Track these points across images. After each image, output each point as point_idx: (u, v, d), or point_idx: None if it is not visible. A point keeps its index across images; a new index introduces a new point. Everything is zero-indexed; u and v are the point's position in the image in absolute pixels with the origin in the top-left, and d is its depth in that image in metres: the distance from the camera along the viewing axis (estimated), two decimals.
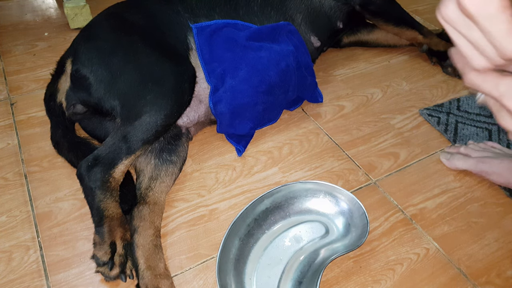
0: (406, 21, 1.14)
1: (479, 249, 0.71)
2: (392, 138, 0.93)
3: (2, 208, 0.77)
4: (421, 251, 0.71)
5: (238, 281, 0.65)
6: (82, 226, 0.74)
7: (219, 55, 0.88)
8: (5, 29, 1.30)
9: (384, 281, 0.67)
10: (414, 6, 1.45)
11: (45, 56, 1.18)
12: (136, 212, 0.73)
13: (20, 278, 0.67)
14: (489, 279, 0.67)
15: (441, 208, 0.78)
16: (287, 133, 0.94)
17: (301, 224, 0.73)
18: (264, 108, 0.89)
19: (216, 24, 0.90)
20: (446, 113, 0.98)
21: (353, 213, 0.73)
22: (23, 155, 0.87)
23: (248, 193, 0.81)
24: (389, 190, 0.81)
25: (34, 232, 0.73)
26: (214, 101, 0.86)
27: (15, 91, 1.05)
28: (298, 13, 1.02)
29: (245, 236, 0.70)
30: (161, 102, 0.75)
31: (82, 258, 0.69)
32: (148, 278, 0.64)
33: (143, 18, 0.86)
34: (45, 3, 1.45)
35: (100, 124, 0.84)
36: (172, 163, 0.81)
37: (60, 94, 0.84)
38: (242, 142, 0.89)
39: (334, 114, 0.99)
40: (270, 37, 0.94)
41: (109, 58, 0.78)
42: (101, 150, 0.73)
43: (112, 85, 0.77)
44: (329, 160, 0.87)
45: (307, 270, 0.66)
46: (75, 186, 0.80)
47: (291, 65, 0.90)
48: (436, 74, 1.12)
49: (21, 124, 0.95)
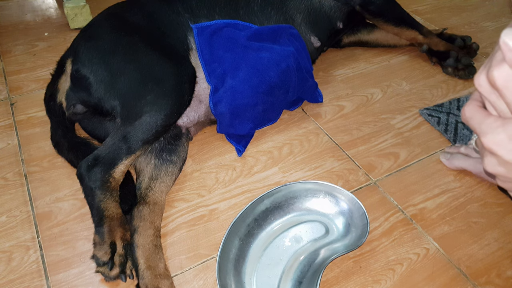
0: (406, 21, 1.14)
1: (479, 249, 0.71)
2: (392, 138, 0.93)
3: (2, 208, 0.77)
4: (421, 251, 0.71)
5: (238, 281, 0.65)
6: (82, 226, 0.74)
7: (220, 55, 0.88)
8: (5, 29, 1.30)
9: (384, 281, 0.67)
10: (414, 6, 1.45)
11: (45, 56, 1.18)
12: (136, 212, 0.73)
13: (20, 278, 0.67)
14: (489, 279, 0.67)
15: (441, 208, 0.78)
16: (287, 133, 0.94)
17: (301, 224, 0.73)
18: (264, 109, 0.89)
19: (216, 24, 0.90)
20: (446, 113, 0.98)
21: (353, 213, 0.73)
22: (23, 155, 0.87)
23: (248, 193, 0.81)
24: (389, 190, 0.81)
25: (34, 232, 0.73)
26: (214, 101, 0.86)
27: (15, 91, 1.05)
28: (298, 13, 1.02)
29: (245, 236, 0.70)
30: (161, 102, 0.75)
31: (82, 258, 0.69)
32: (148, 278, 0.64)
33: (143, 18, 0.86)
34: (45, 3, 1.45)
35: (100, 124, 0.84)
36: (172, 163, 0.81)
37: (60, 94, 0.84)
38: (242, 142, 0.89)
39: (334, 114, 0.99)
40: (271, 37, 0.94)
41: (109, 58, 0.78)
42: (101, 150, 0.73)
43: (112, 85, 0.77)
44: (329, 160, 0.87)
45: (307, 270, 0.66)
46: (75, 186, 0.80)
47: (291, 66, 0.90)
48: (436, 74, 1.12)
49: (21, 124, 0.95)
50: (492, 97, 0.37)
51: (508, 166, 0.36)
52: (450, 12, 1.42)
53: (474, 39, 1.18)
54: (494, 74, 0.34)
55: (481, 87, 0.37)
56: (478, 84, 0.37)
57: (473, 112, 0.38)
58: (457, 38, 1.16)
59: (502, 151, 0.35)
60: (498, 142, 0.35)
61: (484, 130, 0.37)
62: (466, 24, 1.35)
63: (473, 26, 1.34)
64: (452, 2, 1.48)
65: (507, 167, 0.36)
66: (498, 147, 0.35)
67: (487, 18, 1.38)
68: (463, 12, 1.41)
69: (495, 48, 0.38)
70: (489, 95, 0.37)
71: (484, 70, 0.37)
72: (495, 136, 0.35)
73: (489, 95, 0.37)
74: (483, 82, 0.37)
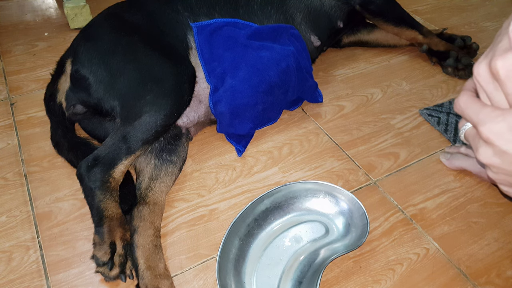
0: (406, 21, 1.14)
1: (479, 249, 0.71)
2: (392, 138, 0.93)
3: (2, 208, 0.77)
4: (421, 251, 0.71)
5: (238, 281, 0.65)
6: (82, 226, 0.74)
7: (219, 55, 0.88)
8: (5, 29, 1.30)
9: (384, 281, 0.67)
10: (414, 6, 1.45)
11: (45, 56, 1.18)
12: (136, 212, 0.73)
13: (20, 278, 0.67)
14: (489, 279, 0.67)
15: (441, 208, 0.78)
16: (287, 133, 0.94)
17: (301, 224, 0.73)
18: (264, 108, 0.89)
19: (216, 23, 0.90)
20: (446, 113, 0.98)
21: (353, 213, 0.73)
22: (23, 155, 0.87)
23: (248, 193, 0.80)
24: (389, 190, 0.81)
25: (34, 232, 0.73)
26: (214, 101, 0.86)
27: (15, 91, 1.05)
28: (298, 12, 1.02)
29: (245, 236, 0.70)
30: (161, 102, 0.75)
31: (82, 258, 0.69)
32: (148, 278, 0.64)
33: (142, 18, 0.86)
34: (45, 3, 1.45)
35: (100, 124, 0.84)
36: (172, 163, 0.81)
37: (60, 94, 0.84)
38: (242, 142, 0.89)
39: (334, 114, 0.99)
40: (271, 37, 0.94)
41: (108, 58, 0.78)
42: (101, 150, 0.73)
43: (112, 85, 0.77)
44: (329, 160, 0.87)
45: (307, 270, 0.66)
46: (75, 186, 0.80)
47: (291, 65, 0.90)
48: (436, 74, 1.12)
49: (21, 124, 0.95)
50: (490, 87, 0.36)
51: (504, 156, 0.35)
52: (450, 12, 1.42)
53: (474, 39, 1.18)
54: (497, 64, 0.34)
55: (480, 76, 0.37)
56: (477, 73, 0.37)
57: (468, 102, 0.38)
58: (457, 38, 1.16)
59: (500, 141, 0.35)
60: (497, 131, 0.35)
61: (482, 120, 0.36)
62: (466, 24, 1.35)
63: (473, 26, 1.34)
64: (452, 2, 1.48)
65: (503, 157, 0.35)
66: (497, 136, 0.35)
67: (487, 18, 1.38)
68: (463, 12, 1.41)
69: (496, 39, 0.37)
70: (487, 85, 0.36)
71: (485, 60, 0.36)
72: (495, 125, 0.35)
73: (487, 85, 0.36)
74: (483, 71, 0.36)
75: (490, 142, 0.35)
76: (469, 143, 0.41)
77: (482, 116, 0.36)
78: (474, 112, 0.37)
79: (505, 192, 0.41)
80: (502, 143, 0.35)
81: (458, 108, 0.40)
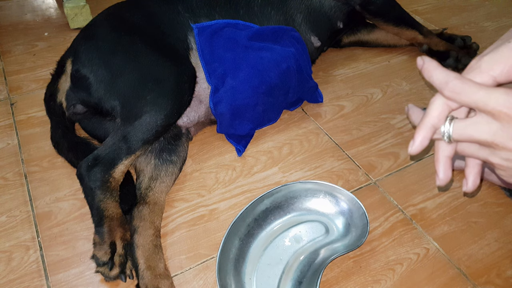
0: (406, 21, 1.14)
1: (479, 249, 0.71)
2: (392, 138, 0.93)
3: (2, 208, 0.77)
4: (421, 251, 0.71)
5: (238, 281, 0.65)
6: (82, 226, 0.74)
7: (220, 55, 0.88)
8: (5, 29, 1.30)
9: (384, 281, 0.67)
10: (414, 6, 1.45)
11: (45, 56, 1.18)
12: (136, 212, 0.73)
13: (20, 278, 0.67)
14: (489, 279, 0.67)
15: (441, 208, 0.78)
16: (287, 133, 0.94)
17: (301, 224, 0.73)
18: (264, 109, 0.89)
19: (217, 24, 0.90)
20: None
21: (353, 213, 0.73)
22: (23, 155, 0.87)
23: (248, 193, 0.81)
24: (389, 190, 0.81)
25: (34, 232, 0.73)
26: (215, 101, 0.86)
27: (15, 91, 1.05)
28: (298, 13, 1.02)
29: (245, 236, 0.70)
30: (161, 102, 0.75)
31: (82, 258, 0.69)
32: (148, 278, 0.64)
33: (143, 18, 0.86)
34: (45, 3, 1.45)
35: (100, 124, 0.84)
36: (172, 163, 0.81)
37: (60, 94, 0.84)
38: (242, 142, 0.89)
39: (334, 114, 0.99)
40: (272, 38, 0.94)
41: (109, 58, 0.78)
42: (101, 150, 0.73)
43: (112, 85, 0.77)
44: (329, 160, 0.87)
45: (307, 270, 0.66)
46: (75, 186, 0.80)
47: (291, 66, 0.90)
48: None
49: (21, 124, 0.95)
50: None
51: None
52: (450, 12, 1.42)
53: (474, 39, 1.18)
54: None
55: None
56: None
57: (461, 84, 0.38)
58: (457, 38, 1.16)
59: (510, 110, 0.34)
60: (503, 101, 0.35)
61: (478, 100, 0.36)
62: (466, 24, 1.35)
63: (473, 26, 1.34)
64: (452, 2, 1.48)
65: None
66: (507, 105, 0.34)
67: (487, 18, 1.38)
68: (463, 12, 1.41)
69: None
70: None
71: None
72: (500, 96, 0.35)
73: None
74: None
75: (501, 114, 0.35)
76: (465, 152, 0.41)
77: (478, 97, 0.36)
78: (471, 92, 0.37)
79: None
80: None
81: (450, 95, 0.39)
